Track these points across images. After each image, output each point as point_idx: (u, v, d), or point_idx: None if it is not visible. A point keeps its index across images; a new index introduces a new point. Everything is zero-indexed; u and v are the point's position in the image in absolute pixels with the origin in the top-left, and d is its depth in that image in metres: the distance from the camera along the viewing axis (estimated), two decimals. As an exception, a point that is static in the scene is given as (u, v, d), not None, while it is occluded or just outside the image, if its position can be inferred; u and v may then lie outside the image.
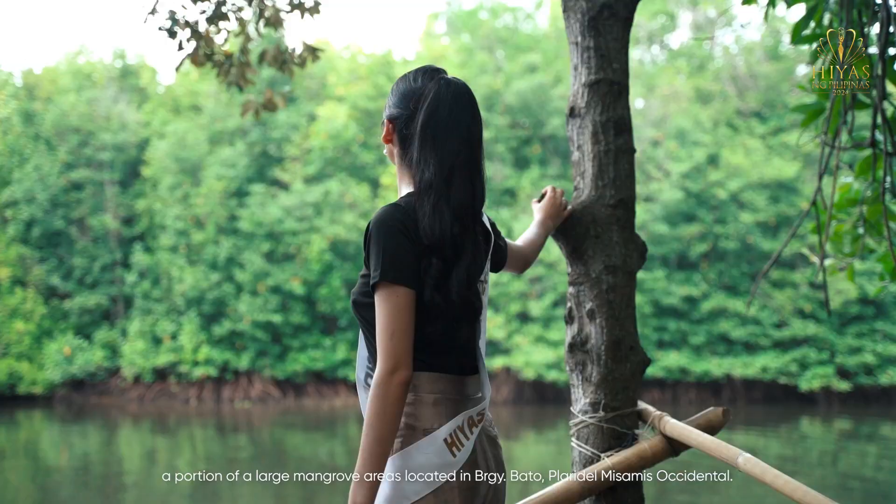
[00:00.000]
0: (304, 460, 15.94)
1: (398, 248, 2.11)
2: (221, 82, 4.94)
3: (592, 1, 2.85)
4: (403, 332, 2.09)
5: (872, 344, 23.56)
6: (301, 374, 24.27)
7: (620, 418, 2.70)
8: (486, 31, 28.18)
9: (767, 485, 2.18)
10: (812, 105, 4.35)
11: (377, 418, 2.06)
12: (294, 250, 24.16)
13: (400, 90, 2.29)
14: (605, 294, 2.76)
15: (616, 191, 2.81)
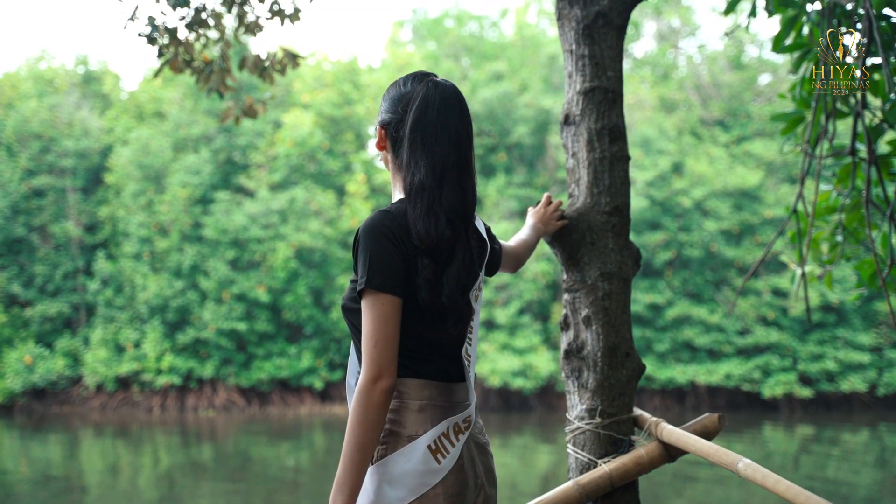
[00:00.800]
0: (269, 468, 15.84)
1: (385, 254, 2.11)
2: (201, 89, 4.91)
3: (587, 9, 2.87)
4: (387, 339, 2.08)
5: (834, 351, 23.82)
6: (266, 382, 24.11)
7: (617, 424, 2.71)
8: (451, 38, 28.24)
9: (768, 490, 2.18)
10: (792, 114, 4.39)
11: (358, 425, 2.05)
12: (259, 258, 24.02)
13: (391, 95, 2.30)
14: (601, 301, 2.77)
15: (611, 198, 2.82)
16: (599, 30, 2.88)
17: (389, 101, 2.29)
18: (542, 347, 23.73)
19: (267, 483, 14.30)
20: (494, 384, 23.11)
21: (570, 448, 2.79)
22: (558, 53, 27.26)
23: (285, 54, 4.92)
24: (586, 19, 2.88)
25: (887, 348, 24.28)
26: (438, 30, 29.05)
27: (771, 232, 24.57)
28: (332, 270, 24.47)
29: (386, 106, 2.30)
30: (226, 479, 14.92)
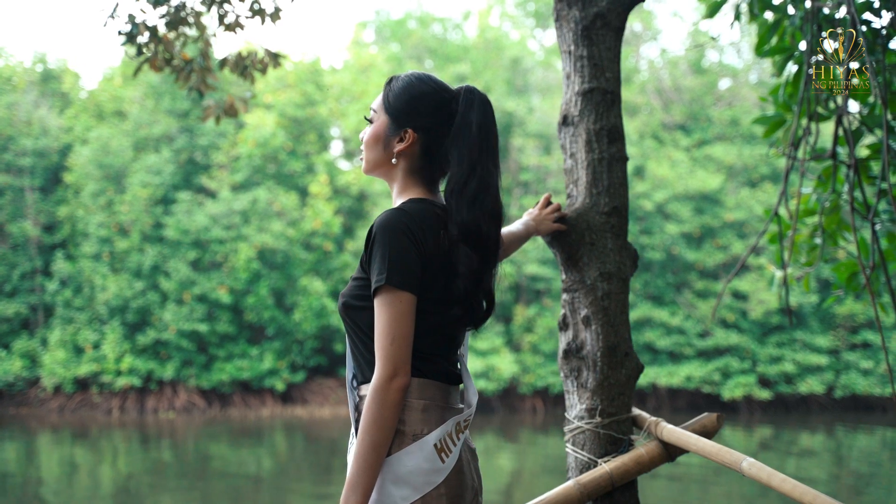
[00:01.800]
0: (229, 470, 15.74)
1: (403, 252, 2.11)
2: (182, 87, 4.87)
3: (585, 10, 2.88)
4: (404, 337, 2.09)
5: (792, 353, 24.12)
6: (227, 383, 23.95)
7: (617, 424, 2.73)
8: (414, 40, 28.25)
9: (774, 489, 2.20)
10: (773, 117, 4.44)
11: (374, 424, 2.05)
12: (221, 259, 23.85)
13: (432, 100, 2.30)
14: (601, 301, 2.78)
15: (610, 198, 2.84)
16: (598, 31, 2.89)
17: (428, 106, 2.29)
18: (504, 349, 23.79)
19: (227, 485, 14.22)
20: (457, 386, 23.08)
21: (570, 447, 2.80)
22: (521, 56, 27.38)
23: (267, 54, 4.89)
24: (585, 20, 2.89)
25: (844, 351, 24.62)
26: (401, 31, 29.06)
27: (731, 235, 24.82)
28: (294, 272, 24.36)
29: (423, 110, 2.29)
30: (186, 481, 14.81)
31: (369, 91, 26.66)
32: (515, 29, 31.16)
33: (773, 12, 4.34)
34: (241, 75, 4.90)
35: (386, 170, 2.34)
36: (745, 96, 27.51)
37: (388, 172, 2.34)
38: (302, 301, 24.00)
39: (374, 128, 2.33)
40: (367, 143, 2.34)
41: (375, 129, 2.33)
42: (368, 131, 2.35)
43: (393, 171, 2.33)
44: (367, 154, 2.35)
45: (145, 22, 4.63)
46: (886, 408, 25.04)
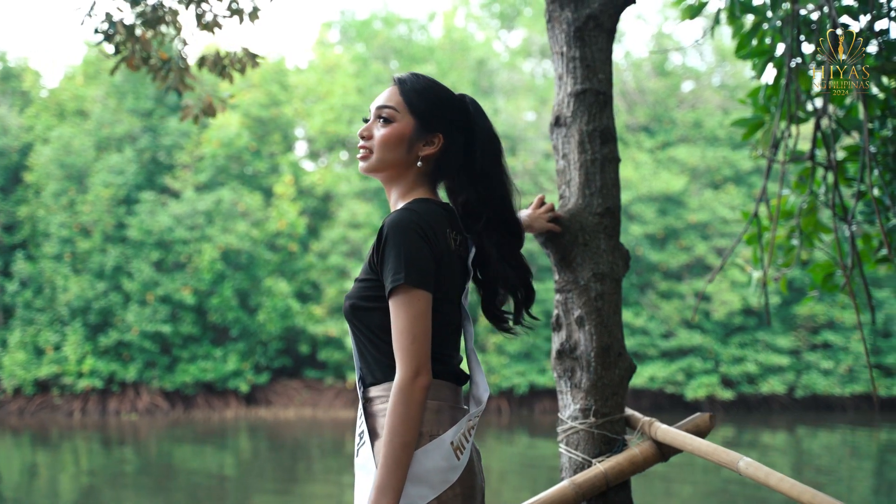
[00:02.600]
0: (193, 473, 15.63)
1: (419, 251, 2.12)
2: (159, 87, 4.82)
3: (578, 12, 2.89)
4: (424, 336, 2.09)
5: (754, 354, 24.36)
6: (190, 385, 23.79)
7: (610, 424, 2.74)
8: (380, 41, 28.20)
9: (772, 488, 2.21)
10: (752, 119, 4.47)
11: (401, 424, 2.05)
12: (185, 259, 23.68)
13: (453, 106, 2.35)
14: (594, 301, 2.79)
15: (603, 199, 2.85)
16: (590, 32, 2.90)
17: (454, 112, 2.34)
18: (467, 351, 23.75)
19: (190, 488, 14.12)
20: (422, 387, 23.08)
21: (563, 448, 2.81)
22: (487, 57, 27.42)
23: (245, 53, 4.86)
24: (577, 22, 2.90)
25: (805, 351, 24.89)
26: (367, 32, 28.99)
27: (695, 236, 25.01)
28: (258, 272, 24.25)
29: (449, 116, 2.34)
30: (148, 483, 14.68)
31: (334, 91, 26.59)
32: (481, 30, 31.21)
33: (753, 14, 4.37)
34: (220, 75, 4.86)
35: (398, 171, 2.33)
36: (707, 99, 27.74)
37: (400, 174, 2.33)
38: (266, 302, 23.89)
39: (397, 128, 2.30)
40: (385, 143, 2.30)
41: (399, 130, 2.30)
42: (386, 131, 2.31)
43: (406, 173, 2.33)
44: (384, 154, 2.30)
45: (122, 21, 4.58)
46: (846, 407, 25.34)
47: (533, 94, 26.84)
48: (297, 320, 24.29)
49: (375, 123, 2.34)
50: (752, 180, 26.45)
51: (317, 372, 25.29)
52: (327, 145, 27.29)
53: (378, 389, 2.22)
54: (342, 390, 24.97)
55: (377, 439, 2.18)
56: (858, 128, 4.27)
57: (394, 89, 2.36)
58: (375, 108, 2.35)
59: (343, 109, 26.14)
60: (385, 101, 2.34)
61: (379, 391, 2.22)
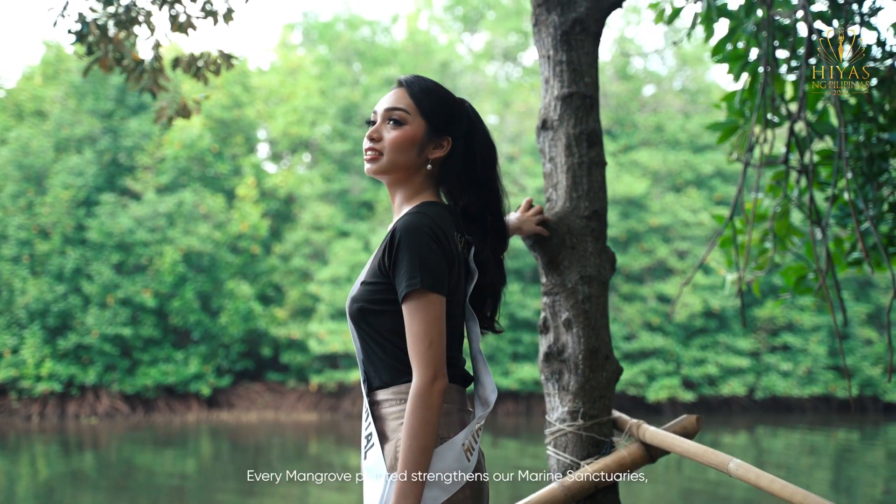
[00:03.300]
0: (153, 477, 15.48)
1: (433, 255, 2.14)
2: (132, 88, 4.77)
3: (564, 16, 2.90)
4: (440, 340, 2.11)
5: (715, 356, 24.58)
6: (151, 388, 23.56)
7: (598, 426, 2.75)
8: (343, 43, 28.11)
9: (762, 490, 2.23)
10: (727, 123, 4.52)
11: (421, 429, 2.06)
12: (146, 262, 23.47)
13: (456, 109, 2.37)
14: (581, 304, 2.81)
15: (590, 202, 2.87)
16: (577, 36, 2.92)
17: (461, 115, 2.38)
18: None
19: (151, 492, 13.97)
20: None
21: (551, 450, 2.82)
22: (450, 60, 27.45)
23: (220, 55, 4.83)
24: (564, 25, 2.91)
25: (765, 353, 25.16)
26: (330, 34, 28.90)
27: (657, 239, 25.18)
28: (220, 275, 24.10)
29: (457, 119, 2.37)
30: (108, 488, 14.52)
31: (297, 93, 26.50)
32: (444, 33, 31.23)
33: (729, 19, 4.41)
34: (195, 76, 4.82)
35: (408, 174, 2.33)
36: (669, 103, 27.94)
37: (409, 177, 2.34)
38: (228, 304, 23.74)
39: (409, 131, 2.30)
40: (397, 146, 2.30)
41: (411, 133, 2.30)
42: (398, 133, 2.31)
43: (415, 176, 2.34)
44: (395, 156, 2.30)
45: (96, 21, 4.53)
46: (805, 408, 25.66)
47: (496, 97, 26.90)
48: (259, 323, 24.17)
49: (385, 125, 2.33)
50: (712, 183, 26.69)
51: (279, 375, 25.18)
52: (290, 147, 27.20)
53: (386, 392, 2.23)
54: (305, 393, 24.87)
55: (387, 443, 2.19)
56: (832, 132, 4.32)
57: (402, 91, 2.36)
58: (384, 109, 2.34)
59: (306, 111, 26.06)
60: (396, 103, 2.34)
61: (387, 394, 2.22)
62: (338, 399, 24.66)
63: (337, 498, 13.43)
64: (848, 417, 25.10)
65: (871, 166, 4.25)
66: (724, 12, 4.38)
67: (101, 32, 4.59)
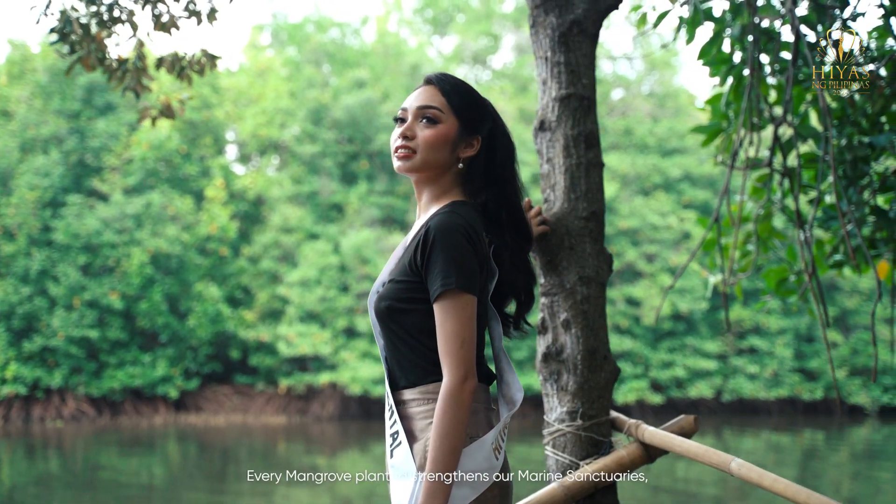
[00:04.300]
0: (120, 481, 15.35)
1: (467, 255, 2.15)
2: (115, 88, 4.73)
3: (562, 17, 2.91)
4: (472, 340, 2.13)
5: (683, 358, 24.75)
6: (118, 391, 23.37)
7: (597, 426, 2.77)
8: (312, 44, 28.05)
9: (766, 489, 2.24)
10: (711, 126, 4.55)
11: (452, 429, 2.07)
12: (113, 263, 23.28)
13: (486, 110, 2.38)
14: (580, 304, 2.82)
15: (588, 203, 2.87)
16: (574, 37, 2.93)
17: (488, 114, 2.38)
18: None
19: (117, 495, 13.87)
20: (355, 392, 23.07)
21: (550, 450, 2.83)
22: (420, 63, 27.45)
23: (204, 54, 4.80)
24: (562, 27, 2.92)
25: (732, 356, 25.37)
26: (299, 35, 28.82)
27: (625, 243, 25.30)
28: (189, 277, 23.94)
29: (486, 118, 2.37)
30: (73, 492, 14.38)
31: (266, 95, 26.40)
32: (413, 35, 31.24)
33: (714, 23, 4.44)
34: (178, 76, 4.79)
35: (438, 173, 2.33)
36: (637, 107, 28.11)
37: (439, 175, 2.34)
38: (197, 307, 23.60)
39: (443, 129, 2.31)
40: (432, 144, 2.30)
41: (445, 132, 2.31)
42: (432, 132, 2.31)
43: (444, 174, 2.34)
44: (429, 155, 2.30)
45: (79, 19, 4.49)
46: (771, 411, 25.90)
47: (465, 101, 26.87)
48: (227, 325, 24.05)
49: (417, 123, 2.33)
50: (681, 187, 26.87)
51: (247, 377, 25.06)
52: (259, 149, 27.10)
53: (413, 392, 2.23)
54: (273, 396, 24.76)
55: (416, 442, 2.19)
56: (815, 136, 4.37)
57: (433, 89, 2.36)
58: (417, 107, 2.34)
59: (275, 113, 25.97)
60: (429, 101, 2.34)
61: (414, 394, 2.23)
62: (307, 402, 24.58)
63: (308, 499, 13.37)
64: (813, 419, 25.36)
65: (854, 170, 4.30)
66: (708, 16, 4.41)
67: (84, 31, 4.56)
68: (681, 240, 26.01)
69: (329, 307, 23.67)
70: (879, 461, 18.56)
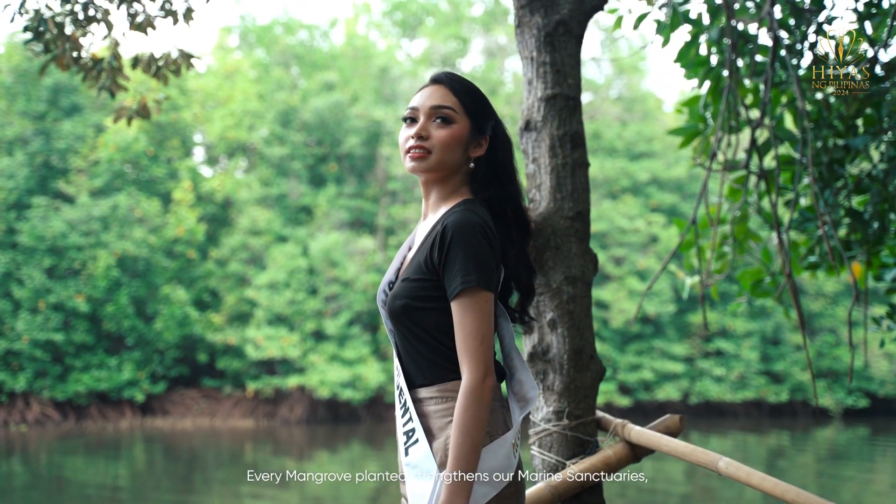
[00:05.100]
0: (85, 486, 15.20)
1: (486, 252, 2.16)
2: (91, 87, 4.68)
3: (548, 17, 2.91)
4: (490, 337, 2.13)
5: (650, 361, 24.88)
6: (83, 395, 23.12)
7: (583, 426, 2.77)
8: (281, 46, 27.94)
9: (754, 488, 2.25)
10: (688, 128, 4.57)
11: (475, 426, 2.07)
12: (79, 266, 23.05)
13: (489, 106, 2.38)
14: (566, 304, 2.81)
15: (574, 203, 2.87)
16: (560, 38, 2.93)
17: (492, 113, 2.38)
18: (371, 358, 23.73)
19: (82, 500, 13.74)
20: (323, 395, 22.99)
21: (536, 450, 2.82)
22: (389, 65, 27.42)
23: (180, 54, 4.76)
24: (547, 27, 2.92)
25: (699, 359, 25.54)
26: (268, 37, 28.68)
27: (594, 246, 25.17)
28: (156, 280, 23.75)
29: (491, 116, 2.38)
30: (37, 497, 14.23)
31: (234, 97, 26.26)
32: (383, 38, 31.20)
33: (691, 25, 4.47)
34: (154, 76, 4.75)
35: (451, 172, 2.32)
36: (605, 111, 28.23)
37: (451, 175, 2.33)
38: (164, 310, 23.42)
39: (457, 129, 2.30)
40: (447, 144, 2.28)
41: (460, 132, 2.30)
42: (447, 132, 2.29)
43: (456, 174, 2.33)
44: (445, 155, 2.29)
45: (54, 18, 4.44)
46: (737, 413, 26.10)
47: (434, 103, 26.88)
48: (195, 328, 23.88)
49: (430, 123, 2.31)
50: (648, 191, 27.02)
51: (215, 381, 24.89)
52: (227, 151, 26.94)
53: (430, 390, 2.23)
54: (241, 399, 24.62)
55: (434, 440, 2.18)
56: (791, 138, 4.40)
57: (444, 89, 2.35)
58: (431, 107, 2.32)
59: (243, 115, 25.84)
60: (442, 100, 2.32)
61: (431, 392, 2.22)
62: (275, 405, 24.46)
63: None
64: (778, 421, 25.59)
65: (830, 172, 4.33)
66: (686, 19, 4.43)
67: (59, 30, 4.51)
68: (649, 243, 26.16)
69: (298, 310, 23.58)
70: (843, 461, 18.77)
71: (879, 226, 4.47)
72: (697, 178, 26.99)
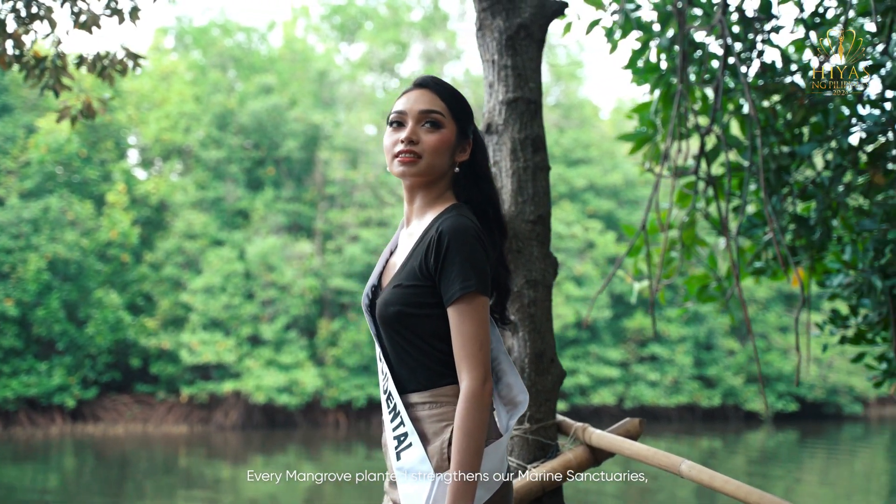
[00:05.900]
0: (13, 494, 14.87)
1: (482, 258, 2.16)
2: (33, 86, 4.58)
3: (509, 21, 2.91)
4: (488, 342, 2.14)
5: (587, 366, 25.06)
6: (12, 401, 22.62)
7: (544, 430, 2.76)
8: (218, 49, 27.69)
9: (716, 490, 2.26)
10: (638, 133, 4.61)
11: (477, 430, 2.07)
12: (8, 269, 22.55)
13: (470, 111, 2.37)
14: (527, 308, 2.81)
15: (535, 207, 2.88)
16: (521, 41, 2.93)
17: (472, 117, 2.38)
18: (308, 363, 23.60)
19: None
20: (259, 400, 22.80)
21: (497, 454, 2.81)
22: (328, 69, 27.32)
23: (127, 54, 4.68)
24: (509, 31, 2.92)
25: (634, 363, 25.80)
26: (204, 39, 28.38)
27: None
28: (88, 283, 23.34)
29: (472, 120, 2.37)
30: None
31: (170, 99, 25.94)
32: (321, 42, 31.07)
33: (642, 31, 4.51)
34: (99, 76, 4.66)
35: (438, 177, 2.31)
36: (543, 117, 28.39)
37: (438, 180, 2.32)
38: (96, 314, 23.03)
39: (446, 134, 2.29)
40: (437, 149, 2.27)
41: (448, 136, 2.29)
42: (437, 137, 2.28)
43: (442, 178, 2.32)
44: (435, 159, 2.28)
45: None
46: (671, 418, 26.42)
47: (374, 108, 26.88)
48: (128, 333, 23.53)
49: (419, 128, 2.29)
50: (585, 197, 27.26)
51: (148, 386, 24.54)
52: (162, 153, 26.59)
53: (422, 395, 2.22)
54: (175, 405, 24.30)
55: (430, 444, 2.18)
56: (740, 145, 4.46)
57: (431, 93, 2.33)
58: (419, 111, 2.29)
59: (179, 117, 25.54)
60: (430, 105, 2.30)
61: (424, 397, 2.21)
62: (209, 411, 24.19)
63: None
64: (711, 425, 25.96)
65: (777, 178, 4.40)
66: (639, 25, 4.47)
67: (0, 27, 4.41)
68: (585, 249, 26.38)
69: (234, 314, 23.37)
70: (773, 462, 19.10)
71: (823, 232, 4.55)
72: (634, 184, 27.30)
